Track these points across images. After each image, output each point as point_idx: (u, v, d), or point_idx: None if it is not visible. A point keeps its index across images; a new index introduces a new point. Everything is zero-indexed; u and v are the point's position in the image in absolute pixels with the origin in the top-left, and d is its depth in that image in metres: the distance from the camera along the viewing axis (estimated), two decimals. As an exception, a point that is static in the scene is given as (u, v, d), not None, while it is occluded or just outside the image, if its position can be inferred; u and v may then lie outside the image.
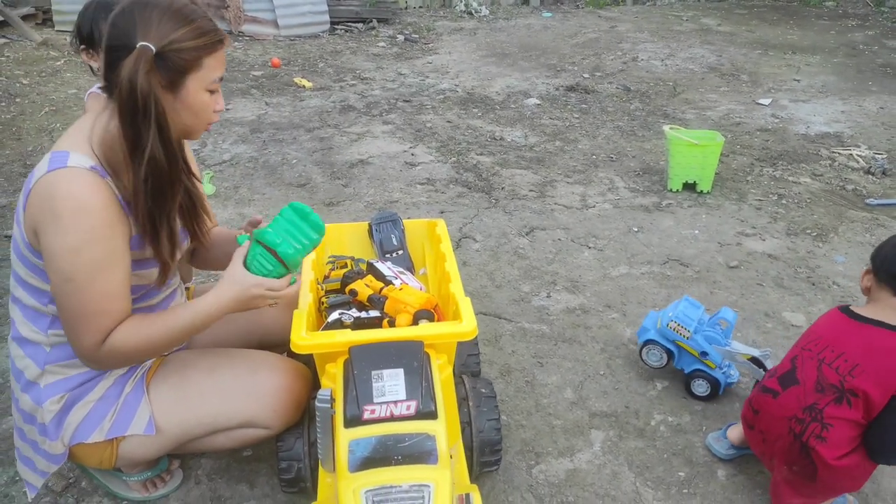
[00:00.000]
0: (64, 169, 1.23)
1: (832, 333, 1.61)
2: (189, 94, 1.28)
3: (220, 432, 1.53)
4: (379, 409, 1.28)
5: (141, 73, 1.18)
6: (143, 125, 1.21)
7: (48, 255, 1.25)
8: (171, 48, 1.22)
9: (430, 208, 3.26)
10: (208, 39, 1.27)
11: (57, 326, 1.40)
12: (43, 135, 4.09)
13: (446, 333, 1.42)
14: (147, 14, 1.22)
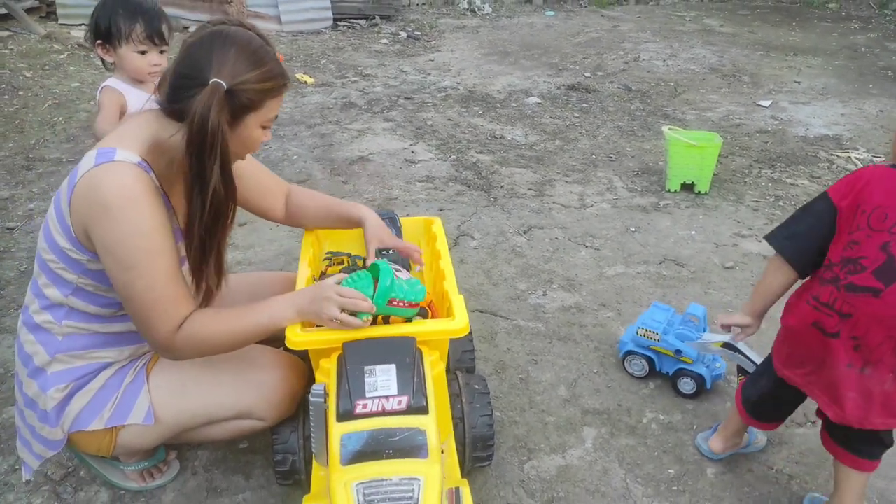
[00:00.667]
0: (111, 162, 1.28)
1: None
2: (246, 129, 1.36)
3: (216, 423, 1.57)
4: (371, 404, 1.30)
5: (214, 109, 1.24)
6: (208, 158, 1.27)
7: (104, 247, 1.29)
8: (241, 87, 1.28)
9: (429, 206, 3.29)
10: (275, 84, 1.34)
11: (73, 318, 1.44)
12: (46, 128, 4.12)
13: (438, 330, 1.44)
14: (225, 51, 1.28)
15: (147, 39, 1.98)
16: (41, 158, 3.69)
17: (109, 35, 1.97)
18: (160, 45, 2.02)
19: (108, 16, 1.96)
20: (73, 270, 1.38)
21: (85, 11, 6.33)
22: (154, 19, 1.98)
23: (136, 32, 1.96)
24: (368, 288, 1.39)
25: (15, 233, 2.95)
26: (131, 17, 1.96)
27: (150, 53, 2.02)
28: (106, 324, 1.48)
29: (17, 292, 2.51)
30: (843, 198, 1.44)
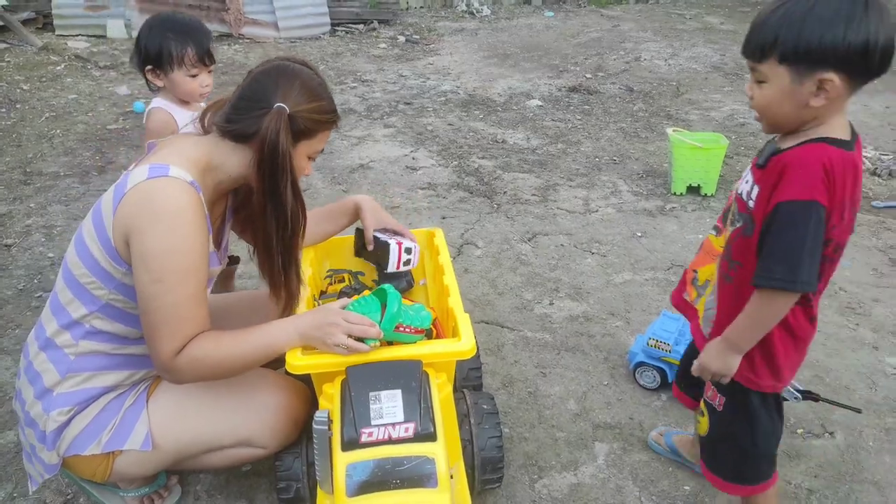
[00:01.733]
0: (166, 177, 1.31)
1: None
2: (296, 156, 1.42)
3: (215, 451, 1.52)
4: (376, 432, 1.25)
5: (283, 132, 1.34)
6: (280, 178, 1.36)
7: (140, 255, 1.29)
8: (300, 115, 1.37)
9: (431, 214, 3.24)
10: (329, 118, 1.44)
11: (92, 338, 1.42)
12: (43, 141, 4.08)
13: (444, 353, 1.40)
14: (291, 82, 1.39)
15: (199, 62, 1.95)
16: (39, 173, 3.65)
17: (160, 60, 1.93)
18: (210, 65, 1.99)
19: (158, 41, 1.91)
20: (105, 285, 1.37)
21: (81, 22, 6.33)
22: (203, 41, 1.95)
23: (188, 57, 1.92)
24: (376, 313, 1.36)
25: (13, 250, 2.91)
26: (182, 40, 1.91)
27: (201, 75, 1.98)
28: (122, 346, 1.45)
29: (15, 311, 2.47)
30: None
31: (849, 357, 2.26)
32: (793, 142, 1.21)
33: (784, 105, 1.17)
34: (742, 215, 1.28)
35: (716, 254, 1.39)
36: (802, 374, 2.18)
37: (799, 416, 2.00)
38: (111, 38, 6.29)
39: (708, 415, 1.45)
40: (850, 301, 2.57)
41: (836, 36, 1.09)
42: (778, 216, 1.17)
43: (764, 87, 1.19)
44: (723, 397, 1.40)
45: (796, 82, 1.14)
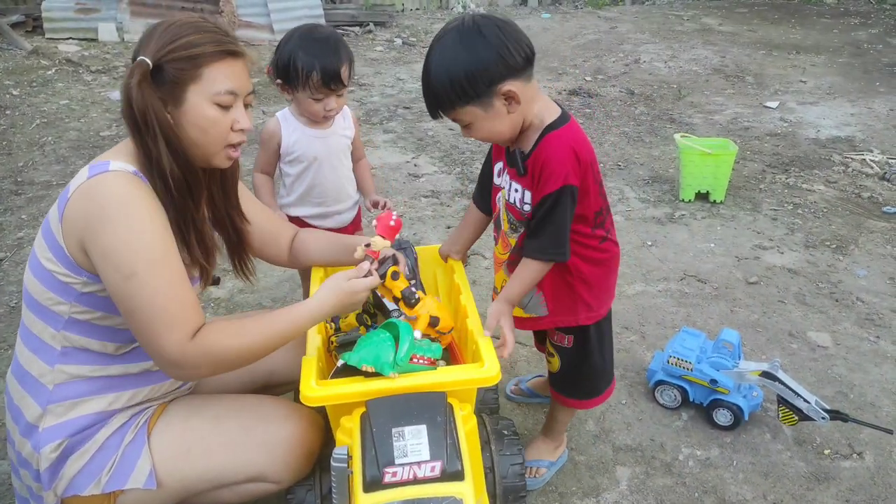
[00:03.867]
0: (106, 172, 1.22)
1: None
2: (193, 107, 1.26)
3: (225, 487, 1.44)
4: (401, 472, 1.17)
5: (133, 85, 1.19)
6: (148, 138, 1.23)
7: (102, 255, 1.20)
8: (166, 59, 1.22)
9: (435, 223, 3.16)
10: (205, 49, 1.24)
11: (66, 360, 1.33)
12: (34, 149, 3.97)
13: (469, 380, 1.32)
14: (153, 30, 1.26)
15: (324, 87, 1.78)
16: (30, 182, 3.55)
17: (287, 75, 1.80)
18: (337, 89, 1.81)
19: (289, 53, 1.78)
20: (65, 299, 1.28)
21: (72, 25, 6.21)
22: (333, 64, 1.76)
23: (312, 80, 1.77)
24: (390, 348, 1.28)
25: (4, 264, 2.81)
26: (310, 60, 1.75)
27: (328, 99, 1.83)
28: (101, 366, 1.36)
29: (8, 330, 2.38)
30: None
31: (872, 372, 2.20)
32: (531, 138, 1.40)
33: (496, 126, 1.37)
34: (521, 222, 1.48)
35: (498, 262, 1.63)
36: (825, 390, 2.12)
37: (825, 435, 1.94)
38: (102, 42, 6.17)
39: (558, 354, 1.67)
40: (869, 312, 2.52)
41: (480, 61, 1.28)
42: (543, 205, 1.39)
43: (473, 127, 1.38)
44: (570, 336, 1.63)
45: (487, 109, 1.33)
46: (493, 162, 1.59)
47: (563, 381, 1.71)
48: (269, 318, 1.32)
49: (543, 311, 1.60)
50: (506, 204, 1.50)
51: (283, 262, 1.71)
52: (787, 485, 1.78)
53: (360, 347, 1.35)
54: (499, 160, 1.54)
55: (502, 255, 1.59)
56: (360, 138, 2.08)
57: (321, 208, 2.01)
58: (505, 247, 1.57)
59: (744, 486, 1.78)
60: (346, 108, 2.02)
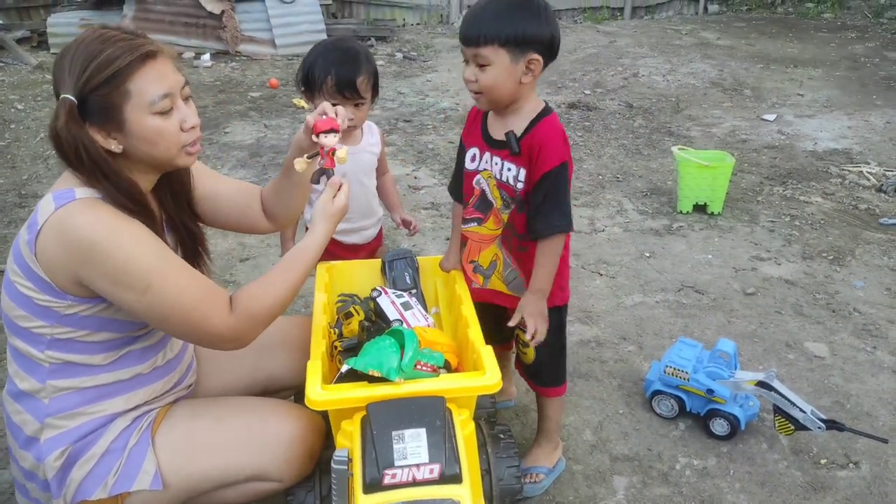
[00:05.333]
0: (73, 202, 1.21)
1: None
2: (134, 126, 1.24)
3: (228, 486, 1.46)
4: (400, 474, 1.19)
5: (60, 122, 1.18)
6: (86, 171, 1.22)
7: (109, 282, 1.22)
8: (87, 89, 1.19)
9: (436, 235, 3.19)
10: (121, 63, 1.20)
11: (56, 376, 1.34)
12: (38, 162, 4.01)
13: (469, 388, 1.34)
14: (62, 62, 1.22)
15: (337, 93, 1.79)
16: (34, 195, 3.59)
17: (307, 82, 1.84)
18: (353, 98, 1.82)
19: (311, 61, 1.82)
20: (46, 322, 1.29)
21: (77, 39, 6.28)
22: (349, 71, 1.78)
23: (327, 85, 1.79)
24: (395, 353, 1.30)
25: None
26: (327, 67, 1.78)
27: (343, 107, 1.87)
28: (91, 376, 1.37)
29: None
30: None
31: (868, 382, 2.22)
32: (522, 122, 1.54)
33: (506, 83, 1.47)
34: (513, 199, 1.58)
35: (490, 238, 1.67)
36: (822, 400, 2.13)
37: (821, 445, 1.95)
38: (107, 56, 6.24)
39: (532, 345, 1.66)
40: (866, 323, 2.53)
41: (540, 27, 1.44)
42: (546, 181, 1.51)
43: (488, 70, 1.46)
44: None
45: (513, 62, 1.45)
46: (466, 149, 1.68)
47: (542, 368, 1.75)
48: (287, 266, 1.40)
49: (524, 292, 1.64)
50: (497, 183, 1.60)
51: (264, 229, 1.68)
52: (784, 494, 1.80)
53: (365, 353, 1.37)
54: (473, 146, 1.65)
55: (493, 231, 1.66)
56: (385, 154, 2.09)
57: (347, 224, 2.01)
58: (497, 223, 1.64)
59: (740, 496, 1.79)
60: (373, 126, 2.05)
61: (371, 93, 1.87)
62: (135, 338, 1.39)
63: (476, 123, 1.66)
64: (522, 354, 1.77)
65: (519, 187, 1.56)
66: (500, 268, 1.68)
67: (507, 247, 1.65)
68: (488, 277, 1.70)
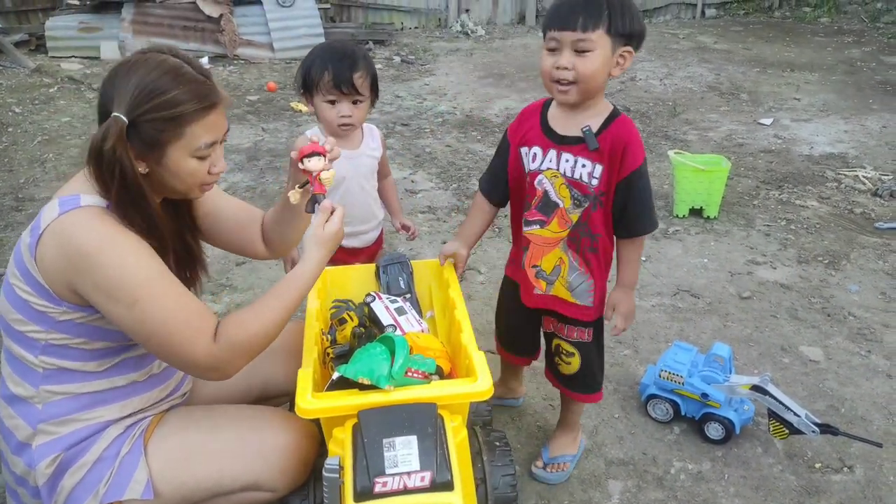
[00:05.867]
0: (78, 209, 1.22)
1: None
2: (172, 162, 1.26)
3: (221, 496, 1.45)
4: (391, 482, 1.19)
5: (108, 143, 1.18)
6: (116, 192, 1.22)
7: (99, 293, 1.21)
8: (144, 118, 1.20)
9: (432, 238, 3.19)
10: (187, 108, 1.22)
11: (49, 382, 1.34)
12: (35, 166, 4.01)
13: (461, 394, 1.34)
14: (126, 81, 1.21)
15: (334, 88, 1.80)
16: (31, 199, 3.59)
17: (306, 82, 1.85)
18: (350, 94, 1.82)
19: (309, 62, 1.83)
20: (41, 327, 1.29)
21: (75, 44, 6.29)
22: (346, 67, 1.79)
23: (323, 81, 1.80)
24: (386, 360, 1.30)
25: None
26: (324, 64, 1.79)
27: (341, 104, 1.83)
28: (85, 382, 1.37)
29: (6, 345, 2.39)
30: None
31: (863, 386, 2.22)
32: (596, 120, 1.52)
33: (602, 73, 1.45)
34: (587, 196, 1.54)
35: (553, 241, 1.61)
36: (817, 404, 2.14)
37: (816, 449, 1.95)
38: (105, 60, 6.25)
39: (578, 352, 1.71)
40: (861, 327, 2.54)
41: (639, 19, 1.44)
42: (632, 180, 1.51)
43: (589, 56, 1.42)
44: (589, 329, 1.69)
45: (612, 52, 1.43)
46: (515, 149, 1.63)
47: (583, 378, 1.75)
48: (277, 294, 1.36)
49: (589, 300, 1.64)
50: (568, 181, 1.55)
51: (261, 254, 1.66)
52: (779, 498, 1.80)
53: (355, 360, 1.37)
54: (533, 144, 1.59)
55: (557, 234, 1.60)
56: (387, 158, 2.10)
57: (348, 228, 1.99)
58: (563, 224, 1.59)
59: (735, 500, 1.79)
60: (374, 129, 2.05)
61: (370, 91, 1.88)
62: (130, 346, 1.39)
63: (533, 121, 1.60)
64: (564, 365, 1.75)
65: (594, 184, 1.52)
66: (564, 273, 1.62)
67: (574, 248, 1.60)
68: (552, 283, 1.65)
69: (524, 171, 1.62)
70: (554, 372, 1.80)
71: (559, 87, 1.47)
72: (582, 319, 1.67)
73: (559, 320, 1.71)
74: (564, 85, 1.46)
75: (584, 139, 1.51)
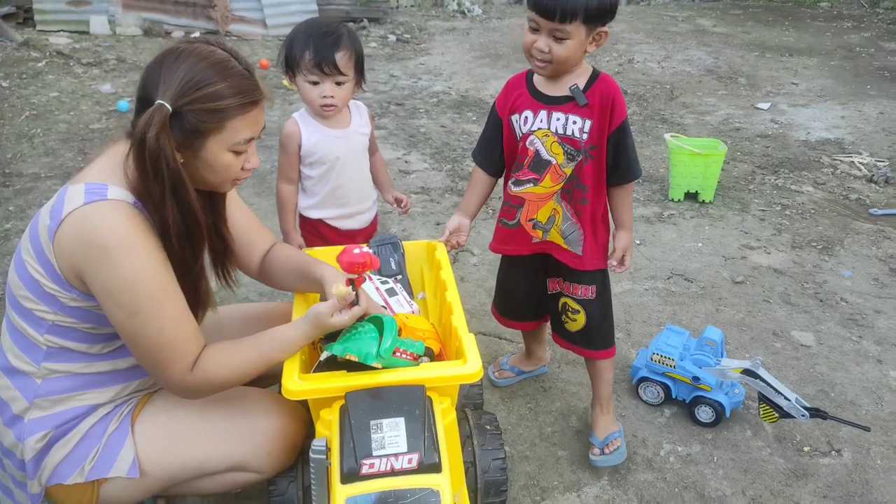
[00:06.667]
0: (105, 201, 1.20)
1: None
2: (209, 154, 1.26)
3: (207, 476, 1.44)
4: (378, 463, 1.18)
5: (152, 131, 1.16)
6: (156, 186, 1.21)
7: (104, 291, 1.21)
8: (188, 109, 1.20)
9: (425, 220, 3.17)
10: (232, 103, 1.23)
11: (52, 360, 1.33)
12: (23, 141, 3.95)
13: (450, 376, 1.33)
14: (173, 71, 1.20)
15: (315, 68, 1.75)
16: (18, 174, 3.53)
17: (288, 61, 1.80)
18: (333, 74, 1.76)
19: (291, 39, 1.78)
20: (50, 308, 1.28)
21: (63, 17, 6.17)
22: (328, 46, 1.74)
23: (304, 60, 1.75)
24: (374, 340, 1.29)
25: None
26: (305, 41, 1.75)
27: (323, 84, 1.79)
28: (88, 363, 1.36)
29: (-8, 322, 2.37)
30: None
31: (853, 371, 2.22)
32: (581, 79, 1.60)
33: (577, 54, 1.55)
34: (579, 151, 1.62)
35: (547, 196, 1.68)
36: (807, 388, 2.14)
37: (805, 433, 1.96)
38: (94, 35, 6.14)
39: (583, 309, 1.77)
40: (852, 312, 2.54)
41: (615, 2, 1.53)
42: (623, 131, 1.61)
43: (566, 43, 1.51)
44: (592, 286, 1.76)
45: (588, 35, 1.52)
46: (507, 119, 1.69)
47: (591, 334, 1.80)
48: (261, 349, 1.36)
49: (579, 249, 1.71)
50: (560, 138, 1.62)
51: (252, 274, 1.66)
52: (767, 481, 1.80)
53: (343, 339, 1.36)
54: (524, 109, 1.65)
55: (550, 189, 1.67)
56: (375, 134, 2.06)
57: (344, 209, 1.98)
58: (556, 178, 1.65)
59: (723, 482, 1.79)
60: (360, 105, 2.00)
61: (354, 71, 1.82)
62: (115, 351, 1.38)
63: (520, 89, 1.68)
64: (570, 322, 1.81)
65: (584, 139, 1.60)
66: (558, 221, 1.70)
67: (567, 200, 1.68)
68: (547, 231, 1.73)
69: (517, 138, 1.68)
70: (561, 332, 1.86)
71: (537, 63, 1.58)
72: (578, 269, 1.73)
73: (564, 278, 1.78)
74: (541, 63, 1.56)
75: (573, 97, 1.59)
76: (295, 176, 1.94)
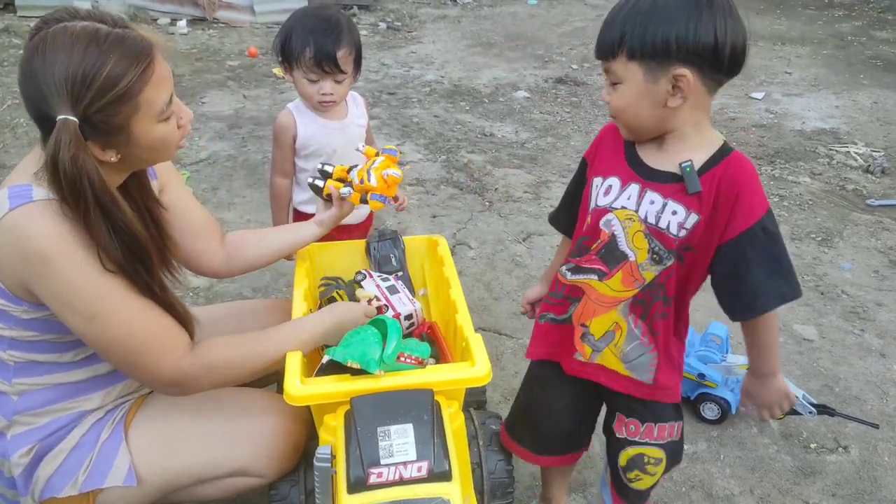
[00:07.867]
0: (31, 203, 1.09)
1: None
2: (140, 137, 1.13)
3: (207, 481, 1.39)
4: (386, 472, 1.13)
5: (67, 153, 1.01)
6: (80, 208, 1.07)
7: (56, 301, 1.13)
8: (92, 110, 1.04)
9: (421, 212, 3.11)
10: (132, 75, 1.06)
11: (23, 375, 1.26)
12: (5, 131, 3.84)
13: (458, 380, 1.28)
14: (49, 74, 1.02)
15: (316, 66, 1.68)
16: (1, 165, 3.43)
17: (284, 52, 1.72)
18: (333, 73, 1.71)
19: (289, 30, 1.69)
20: (4, 324, 1.21)
21: (46, 3, 6.01)
22: (329, 43, 1.67)
23: (304, 58, 1.68)
24: (377, 344, 1.24)
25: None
26: (305, 37, 1.67)
27: (323, 82, 1.73)
28: (65, 373, 1.29)
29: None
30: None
31: (857, 365, 2.21)
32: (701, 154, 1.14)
33: (642, 105, 1.12)
34: (671, 252, 1.17)
35: (611, 301, 1.23)
36: (811, 384, 2.12)
37: (811, 429, 1.94)
38: (77, 21, 5.99)
39: (665, 455, 1.33)
40: (854, 305, 2.52)
41: (684, 30, 1.05)
42: (758, 237, 1.12)
43: (619, 88, 1.13)
44: (678, 423, 1.34)
45: (650, 80, 1.09)
46: (591, 176, 1.27)
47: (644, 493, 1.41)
48: (263, 334, 1.31)
49: (648, 376, 1.26)
50: (649, 229, 1.16)
51: (216, 264, 1.53)
52: (774, 479, 1.78)
53: (345, 343, 1.30)
54: (611, 174, 1.22)
55: (617, 293, 1.22)
56: (370, 125, 2.00)
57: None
58: (630, 282, 1.20)
59: (731, 481, 1.77)
60: (357, 96, 1.94)
61: (353, 67, 1.76)
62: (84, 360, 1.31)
63: (617, 146, 1.24)
64: (647, 477, 1.36)
65: (681, 235, 1.14)
66: (618, 340, 1.25)
67: (639, 314, 1.22)
68: (599, 351, 1.27)
69: (588, 208, 1.26)
70: (622, 491, 1.41)
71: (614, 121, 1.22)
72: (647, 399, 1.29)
73: (640, 419, 1.30)
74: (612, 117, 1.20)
75: (681, 178, 1.14)
76: (290, 169, 1.88)
